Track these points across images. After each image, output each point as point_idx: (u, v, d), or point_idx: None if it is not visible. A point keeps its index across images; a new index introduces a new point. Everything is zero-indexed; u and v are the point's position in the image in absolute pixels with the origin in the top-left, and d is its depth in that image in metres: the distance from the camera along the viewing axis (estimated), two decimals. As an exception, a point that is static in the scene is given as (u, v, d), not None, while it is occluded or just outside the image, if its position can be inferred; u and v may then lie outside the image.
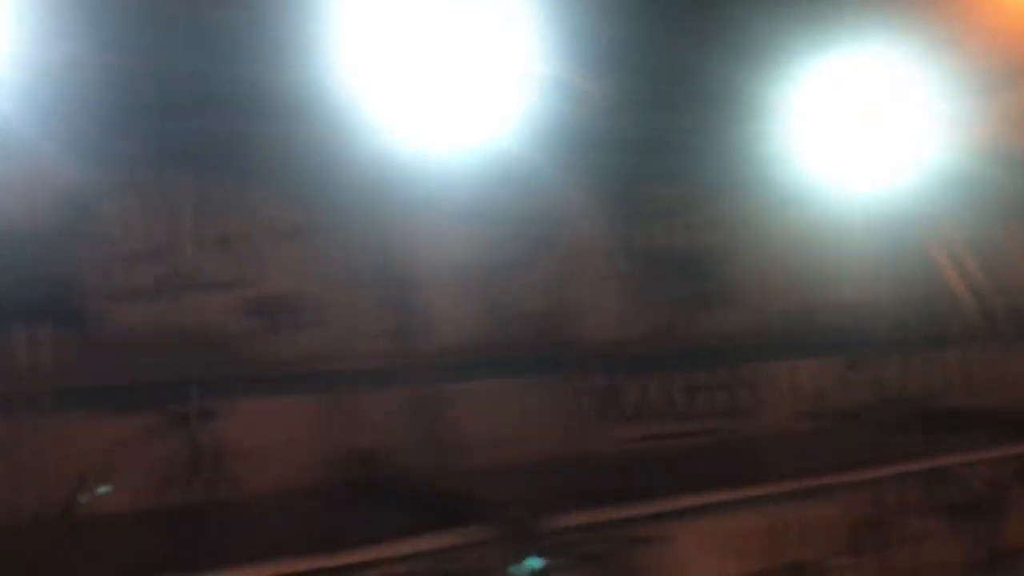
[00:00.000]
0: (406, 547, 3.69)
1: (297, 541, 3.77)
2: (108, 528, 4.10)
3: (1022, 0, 5.49)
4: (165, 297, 4.53)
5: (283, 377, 4.83)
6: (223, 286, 4.69)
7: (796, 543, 4.83)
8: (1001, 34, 5.51)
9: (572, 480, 4.94)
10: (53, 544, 3.90)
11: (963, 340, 6.96)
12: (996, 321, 7.03)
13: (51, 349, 4.24)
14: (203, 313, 4.63)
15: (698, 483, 4.69)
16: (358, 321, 5.03)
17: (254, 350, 4.77)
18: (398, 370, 5.03)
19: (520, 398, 5.44)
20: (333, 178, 4.92)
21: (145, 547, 3.83)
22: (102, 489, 4.26)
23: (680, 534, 4.51)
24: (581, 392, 5.63)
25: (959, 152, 5.82)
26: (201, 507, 4.49)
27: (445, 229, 5.32)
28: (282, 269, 4.87)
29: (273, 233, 4.85)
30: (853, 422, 6.47)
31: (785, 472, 5.00)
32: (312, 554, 3.53)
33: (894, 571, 5.08)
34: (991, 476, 5.40)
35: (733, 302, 6.14)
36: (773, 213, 6.18)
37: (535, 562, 3.88)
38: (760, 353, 6.22)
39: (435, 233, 5.27)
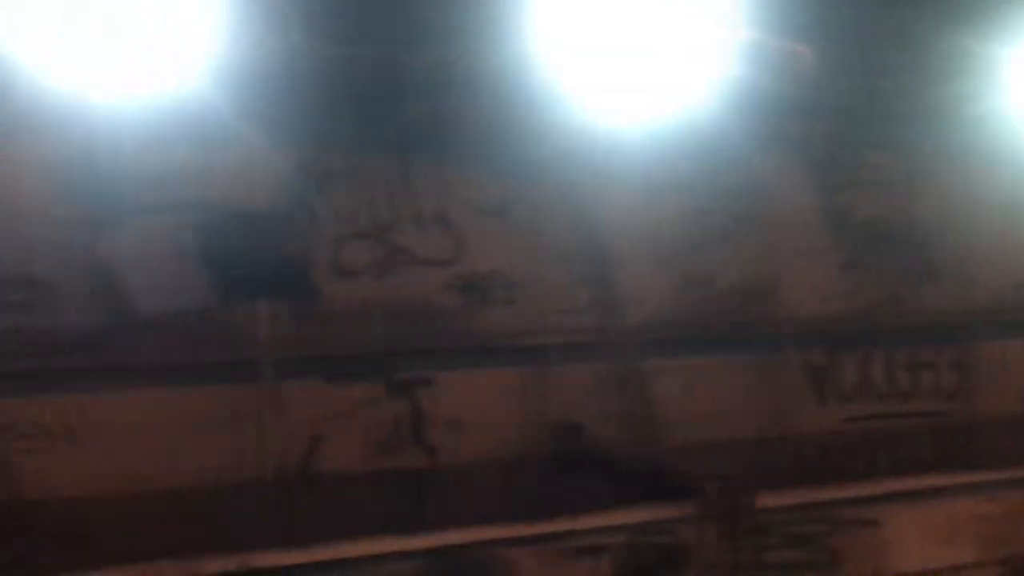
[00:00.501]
0: (613, 519, 3.70)
1: (506, 507, 3.87)
2: (331, 489, 4.36)
3: None
4: (378, 273, 4.75)
5: (489, 350, 4.96)
6: (432, 262, 4.86)
7: (1019, 536, 4.48)
8: None
9: (782, 459, 4.79)
10: (281, 503, 4.19)
11: None
12: None
13: (279, 322, 4.55)
14: (414, 288, 4.82)
15: (917, 466, 4.44)
16: (560, 296, 5.07)
17: (463, 324, 4.91)
18: (598, 345, 5.04)
19: (725, 375, 5.30)
20: (536, 154, 4.98)
21: (366, 508, 4.04)
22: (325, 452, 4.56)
23: (894, 518, 4.28)
24: (791, 370, 5.43)
25: None
26: (414, 472, 4.70)
27: (645, 202, 5.26)
28: (489, 245, 4.98)
29: (481, 210, 4.97)
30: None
31: (1011, 458, 4.64)
32: (523, 520, 3.61)
33: None
34: None
35: (960, 275, 5.73)
36: (998, 179, 5.71)
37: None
38: (990, 330, 5.77)
39: (635, 207, 5.22)
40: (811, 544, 4.20)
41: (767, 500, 3.89)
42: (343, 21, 4.55)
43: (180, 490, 4.21)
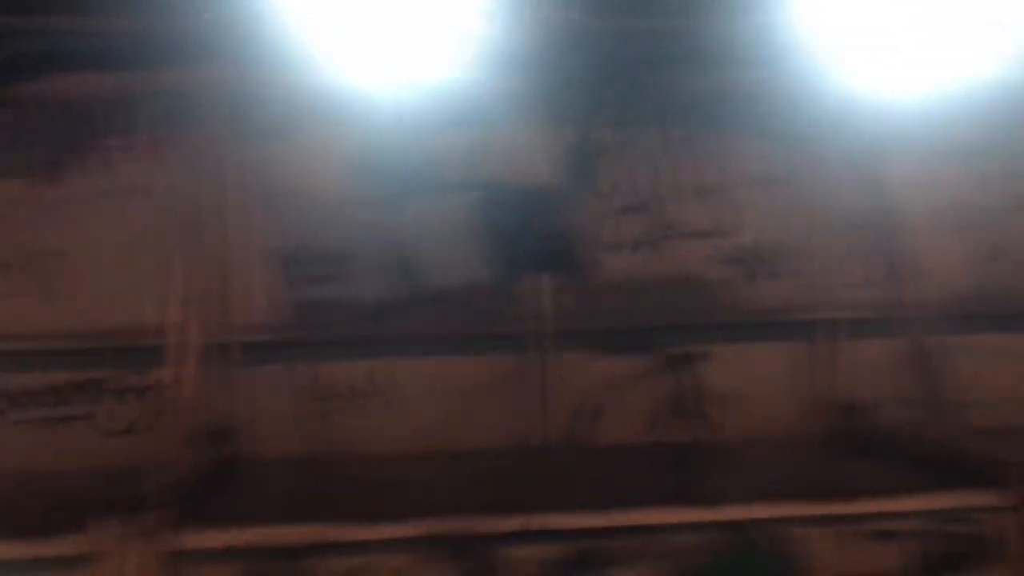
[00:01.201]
0: (912, 504, 3.42)
1: (784, 486, 3.69)
2: (606, 458, 4.37)
3: None
4: (651, 247, 4.70)
5: (762, 325, 4.76)
6: (704, 235, 4.73)
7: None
8: None
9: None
10: (557, 469, 4.26)
11: None
12: None
13: (555, 295, 4.62)
14: (686, 261, 4.71)
15: None
16: (840, 269, 4.77)
17: (734, 297, 4.74)
18: (884, 320, 4.70)
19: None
20: (812, 122, 4.71)
21: (640, 479, 4.01)
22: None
23: None
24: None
25: None
26: (686, 445, 4.61)
27: (933, 169, 4.82)
28: (761, 217, 4.77)
29: (751, 181, 4.78)
30: None
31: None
32: (809, 500, 3.43)
33: None
34: None
35: None
36: None
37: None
38: None
39: (923, 174, 4.80)
40: None
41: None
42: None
43: (467, 452, 4.40)
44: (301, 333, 4.45)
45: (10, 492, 3.97)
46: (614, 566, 3.37)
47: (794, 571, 3.38)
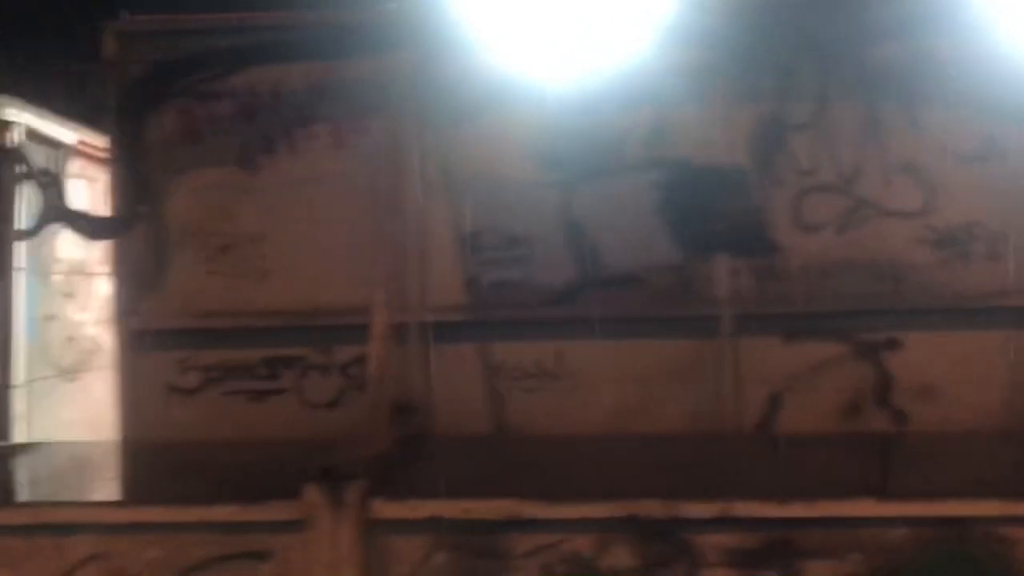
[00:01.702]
0: None
1: (988, 483, 3.44)
2: (793, 448, 4.21)
3: None
4: (845, 227, 4.46)
5: (963, 311, 4.43)
6: (903, 215, 4.44)
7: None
8: None
9: None
10: (743, 456, 4.14)
11: None
12: None
13: (740, 278, 4.48)
14: (883, 243, 4.45)
15: None
16: (1051, 252, 4.39)
17: (933, 281, 4.44)
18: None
19: None
20: (1016, 96, 4.34)
21: (828, 469, 3.84)
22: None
23: None
24: None
25: None
26: (880, 436, 4.38)
27: None
28: (964, 196, 4.44)
29: (954, 158, 4.45)
30: None
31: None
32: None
33: None
34: None
35: None
36: None
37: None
38: None
39: None
40: None
41: None
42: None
43: (651, 436, 4.34)
44: (487, 314, 4.52)
45: (224, 459, 4.26)
46: (808, 558, 3.25)
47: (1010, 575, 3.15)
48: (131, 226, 4.54)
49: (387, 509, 3.31)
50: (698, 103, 4.46)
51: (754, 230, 4.45)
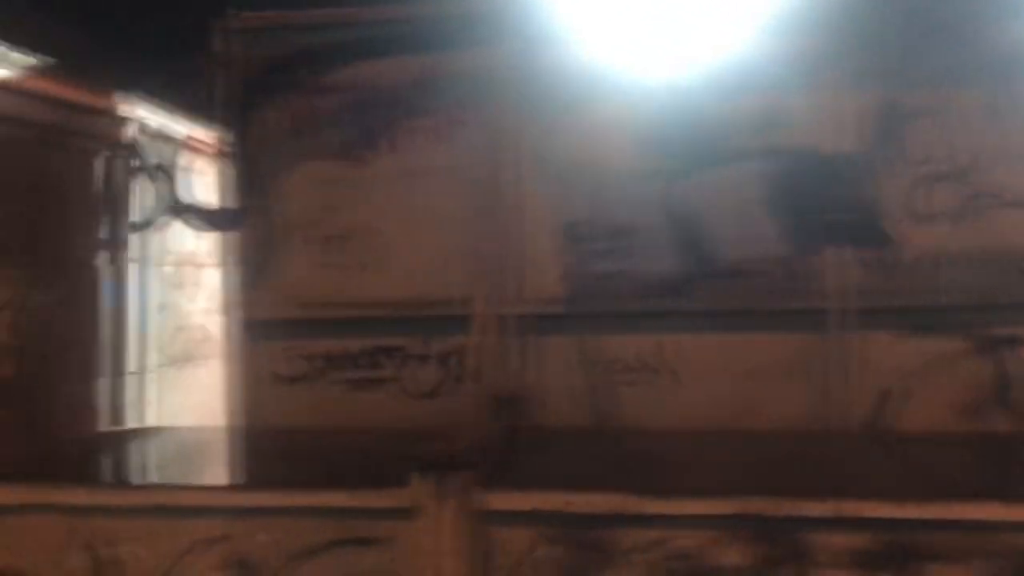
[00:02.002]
0: None
1: None
2: (912, 447, 4.03)
3: None
4: (966, 217, 4.25)
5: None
6: (1026, 205, 4.23)
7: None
8: None
9: None
10: (860, 455, 3.98)
11: None
12: None
13: (852, 270, 4.31)
14: (1006, 233, 4.22)
15: None
16: None
17: (1060, 275, 4.21)
18: None
19: None
20: None
21: (952, 469, 3.66)
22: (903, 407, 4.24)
23: None
24: None
25: None
26: (1002, 437, 4.16)
27: None
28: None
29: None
30: None
31: None
32: None
33: None
34: None
35: None
36: None
37: None
38: None
39: None
40: None
41: None
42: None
43: (760, 433, 4.22)
44: (590, 306, 4.47)
45: (329, 446, 4.31)
46: (928, 562, 3.10)
47: None
48: (241, 219, 4.64)
49: (492, 500, 3.29)
50: (809, 90, 4.31)
51: (867, 221, 4.28)
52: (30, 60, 3.95)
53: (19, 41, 3.92)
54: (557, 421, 4.43)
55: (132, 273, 4.64)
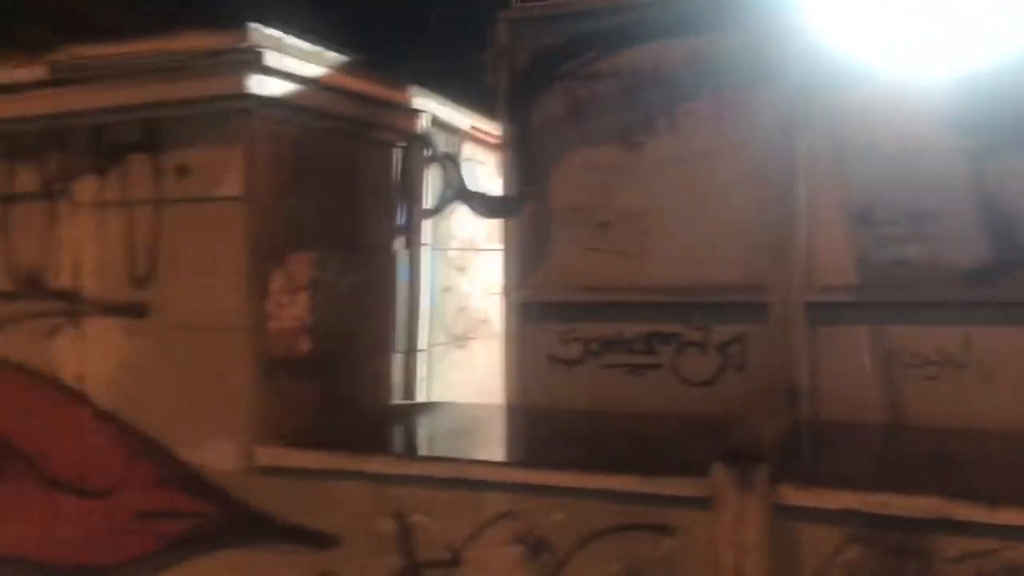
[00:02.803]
0: None
1: None
2: None
3: None
4: None
5: None
6: None
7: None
8: None
9: None
10: None
11: None
12: None
13: None
14: None
15: None
16: None
17: None
18: None
19: None
20: None
21: None
22: None
23: None
24: None
25: None
26: None
27: None
28: None
29: None
30: None
31: None
32: None
33: None
34: None
35: None
36: None
37: None
38: None
39: None
40: None
41: None
42: None
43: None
44: (885, 294, 4.11)
45: (605, 429, 4.27)
46: None
47: None
48: (521, 205, 4.69)
49: (797, 496, 3.10)
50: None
51: None
52: (339, 58, 4.16)
53: (327, 40, 4.14)
54: (847, 415, 4.12)
55: (425, 256, 4.82)
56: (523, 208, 4.70)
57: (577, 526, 3.37)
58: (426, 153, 4.84)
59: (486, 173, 5.29)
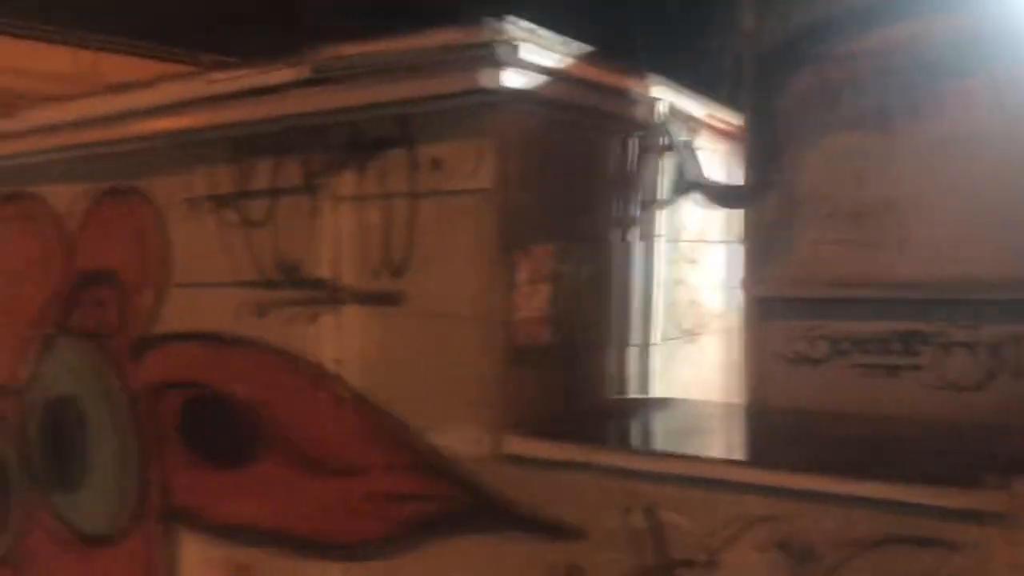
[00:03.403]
0: None
1: None
2: None
3: None
4: None
5: None
6: None
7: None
8: None
9: None
10: None
11: None
12: None
13: None
14: None
15: None
16: None
17: None
18: None
19: None
20: None
21: None
22: None
23: None
24: None
25: None
26: None
27: None
28: None
29: None
30: None
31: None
32: None
33: None
34: None
35: None
36: None
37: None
38: None
39: None
40: None
41: None
42: None
43: None
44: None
45: (864, 432, 3.99)
46: None
47: None
48: (763, 194, 4.47)
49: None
50: None
51: None
52: (583, 48, 4.11)
53: (562, 29, 4.09)
54: None
55: (660, 248, 4.71)
56: (765, 198, 4.47)
57: (848, 536, 3.16)
58: (662, 142, 4.71)
59: (718, 162, 5.10)
